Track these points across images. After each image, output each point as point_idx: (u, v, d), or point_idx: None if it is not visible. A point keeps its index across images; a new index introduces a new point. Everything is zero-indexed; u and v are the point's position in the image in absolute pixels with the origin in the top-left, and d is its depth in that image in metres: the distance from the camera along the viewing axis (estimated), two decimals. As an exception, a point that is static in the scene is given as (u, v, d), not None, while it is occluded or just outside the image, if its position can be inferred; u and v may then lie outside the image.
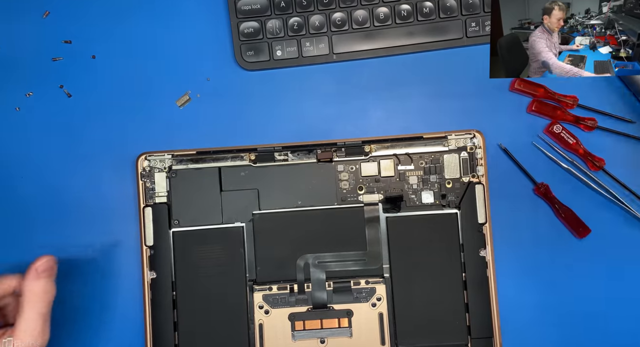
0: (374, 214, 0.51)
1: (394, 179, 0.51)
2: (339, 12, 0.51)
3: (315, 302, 0.50)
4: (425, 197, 0.51)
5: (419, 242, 0.50)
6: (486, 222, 0.50)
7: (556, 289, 0.51)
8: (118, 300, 0.51)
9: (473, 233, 0.50)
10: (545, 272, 0.51)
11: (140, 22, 0.53)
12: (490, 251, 0.50)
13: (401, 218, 0.51)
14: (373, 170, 0.51)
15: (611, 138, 0.52)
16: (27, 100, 0.52)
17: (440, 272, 0.50)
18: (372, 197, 0.51)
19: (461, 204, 0.51)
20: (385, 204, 0.51)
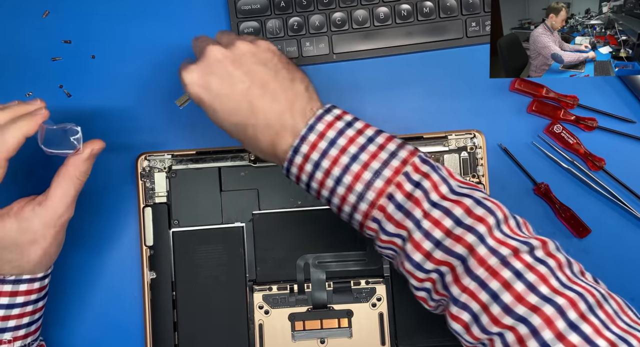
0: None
1: (394, 179, 0.51)
2: (339, 12, 0.51)
3: (315, 302, 0.50)
4: (425, 197, 0.51)
5: (419, 242, 0.50)
6: (486, 222, 0.50)
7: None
8: (118, 300, 0.51)
9: (473, 233, 0.50)
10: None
11: (140, 22, 0.53)
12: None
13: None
14: (373, 170, 0.51)
15: (611, 138, 0.52)
16: (26, 100, 0.52)
17: (441, 272, 0.50)
18: (372, 197, 0.51)
19: (461, 204, 0.50)
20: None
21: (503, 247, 0.35)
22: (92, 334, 0.52)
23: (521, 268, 0.34)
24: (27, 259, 0.42)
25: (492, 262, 0.34)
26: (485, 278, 0.34)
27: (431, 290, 0.37)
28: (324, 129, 0.38)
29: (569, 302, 0.32)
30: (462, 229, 0.35)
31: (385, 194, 0.37)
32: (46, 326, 0.50)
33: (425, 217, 0.36)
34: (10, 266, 0.42)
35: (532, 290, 0.33)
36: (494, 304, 0.34)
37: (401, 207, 0.37)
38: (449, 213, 0.36)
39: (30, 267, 0.42)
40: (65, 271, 0.50)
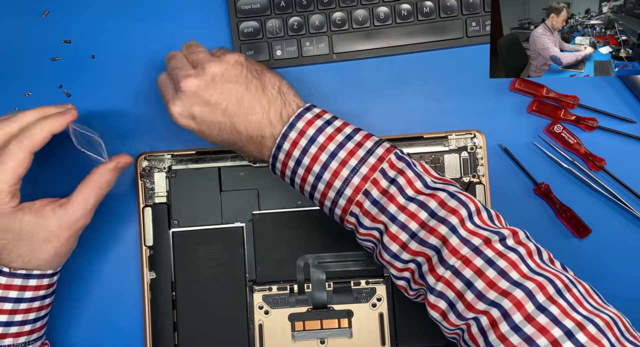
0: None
1: (394, 179, 0.51)
2: (339, 12, 0.51)
3: (315, 302, 0.50)
4: (425, 197, 0.51)
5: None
6: (487, 222, 0.50)
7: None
8: (118, 300, 0.51)
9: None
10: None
11: (140, 22, 0.53)
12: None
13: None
14: (373, 170, 0.51)
15: (612, 138, 0.52)
16: (26, 100, 0.52)
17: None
18: (372, 197, 0.51)
19: (461, 204, 0.50)
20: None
21: (475, 237, 0.37)
22: (92, 334, 0.51)
23: (492, 256, 0.36)
24: (38, 256, 0.43)
25: (465, 251, 0.36)
26: (459, 267, 0.36)
27: (410, 279, 0.39)
28: (304, 127, 0.40)
29: (538, 286, 0.34)
30: (436, 221, 0.37)
31: (362, 191, 0.39)
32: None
33: (402, 211, 0.38)
34: (21, 261, 0.43)
35: (503, 276, 0.35)
36: (468, 291, 0.36)
37: (377, 203, 0.39)
38: (424, 206, 0.38)
39: (38, 264, 0.43)
40: (66, 271, 0.50)
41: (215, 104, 0.41)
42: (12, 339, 0.43)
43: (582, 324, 0.33)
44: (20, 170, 0.42)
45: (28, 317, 0.44)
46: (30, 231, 0.42)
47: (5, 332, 0.43)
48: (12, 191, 0.42)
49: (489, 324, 0.34)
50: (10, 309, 0.43)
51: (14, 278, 0.43)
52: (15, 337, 0.43)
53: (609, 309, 0.35)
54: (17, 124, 0.43)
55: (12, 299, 0.43)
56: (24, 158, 0.42)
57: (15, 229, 0.42)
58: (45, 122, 0.43)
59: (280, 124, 0.41)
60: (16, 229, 0.42)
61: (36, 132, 0.42)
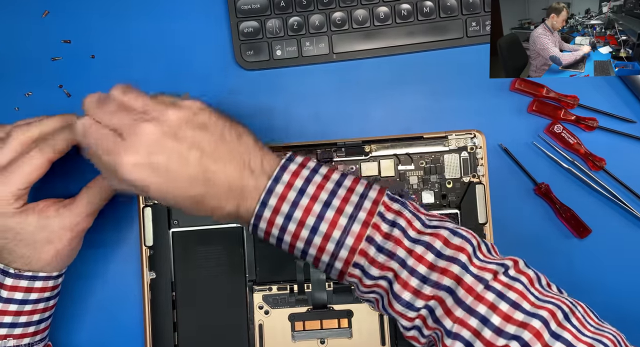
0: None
1: (395, 179, 0.51)
2: (339, 12, 0.51)
3: (315, 302, 0.50)
4: (425, 197, 0.51)
5: (420, 242, 0.50)
6: (487, 222, 0.50)
7: (557, 289, 0.51)
8: (118, 300, 0.51)
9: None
10: (545, 272, 0.51)
11: (140, 22, 0.53)
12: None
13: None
14: (373, 170, 0.51)
15: (612, 138, 0.52)
16: (26, 100, 0.52)
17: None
18: (372, 197, 0.51)
19: (462, 204, 0.50)
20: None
21: (485, 272, 0.36)
22: (92, 334, 0.51)
23: (502, 289, 0.35)
24: (39, 257, 0.43)
25: (479, 289, 0.35)
26: (471, 303, 0.35)
27: (422, 327, 0.37)
28: (290, 179, 0.37)
29: (550, 314, 0.34)
30: (445, 261, 0.36)
31: (364, 238, 0.36)
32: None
33: (410, 255, 0.36)
34: (22, 262, 0.43)
35: (516, 308, 0.34)
36: (485, 328, 0.34)
37: (382, 249, 0.36)
38: (430, 247, 0.36)
39: (40, 265, 0.43)
40: (65, 271, 0.50)
41: (186, 154, 0.36)
42: (16, 340, 0.43)
43: (592, 346, 0.33)
44: (34, 176, 0.42)
45: (32, 319, 0.44)
46: (32, 232, 0.42)
47: (10, 334, 0.43)
48: (20, 194, 0.42)
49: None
50: (15, 310, 0.43)
51: (20, 279, 0.43)
52: (19, 339, 0.43)
53: (608, 327, 0.36)
54: (38, 130, 0.43)
55: (17, 300, 0.43)
56: (41, 165, 0.42)
57: (17, 229, 0.42)
58: (69, 132, 0.42)
59: (262, 176, 0.37)
60: (17, 229, 0.42)
61: (58, 141, 0.42)
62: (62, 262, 0.45)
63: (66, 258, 0.45)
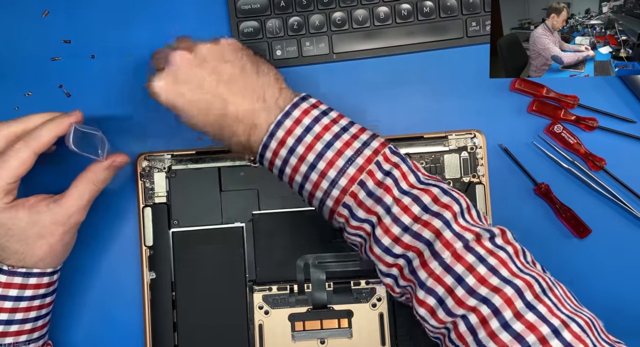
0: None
1: (394, 179, 0.51)
2: (339, 12, 0.51)
3: (315, 302, 0.50)
4: (425, 197, 0.51)
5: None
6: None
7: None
8: (117, 300, 0.51)
9: (473, 233, 0.50)
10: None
11: (140, 22, 0.53)
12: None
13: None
14: (373, 170, 0.51)
15: (612, 138, 0.52)
16: (26, 100, 0.52)
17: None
18: (372, 197, 0.51)
19: (461, 204, 0.50)
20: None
21: (467, 232, 0.37)
22: (92, 334, 0.51)
23: (483, 253, 0.36)
24: (32, 252, 0.43)
25: (457, 246, 0.36)
26: (450, 262, 0.36)
27: (397, 276, 0.39)
28: (300, 116, 0.39)
29: (526, 284, 0.35)
30: (430, 215, 0.38)
31: (357, 181, 0.38)
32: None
33: (396, 204, 0.38)
34: (16, 258, 0.43)
35: (493, 273, 0.36)
36: (459, 287, 0.36)
37: (372, 194, 0.38)
38: (417, 200, 0.38)
39: (33, 261, 0.43)
40: (65, 271, 0.50)
41: (206, 80, 0.40)
42: (12, 337, 0.43)
43: (566, 323, 0.34)
44: (22, 169, 0.42)
45: (29, 316, 0.44)
46: (23, 227, 0.42)
47: (6, 331, 0.43)
48: (9, 188, 0.42)
49: (479, 322, 0.35)
50: (11, 307, 0.43)
51: (14, 276, 0.43)
52: (15, 336, 0.44)
53: (586, 311, 0.37)
54: (21, 125, 0.43)
55: (12, 297, 0.43)
56: (27, 158, 0.42)
57: (8, 225, 0.42)
58: (52, 124, 0.43)
59: (275, 110, 0.40)
60: (9, 225, 0.42)
61: (43, 134, 0.42)
62: (56, 258, 0.45)
63: (60, 254, 0.45)
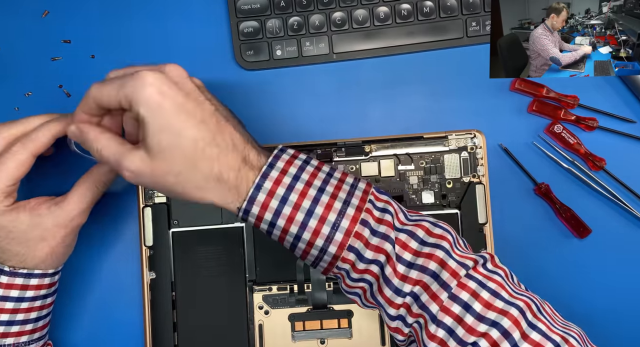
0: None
1: (395, 179, 0.51)
2: (339, 12, 0.51)
3: (315, 302, 0.50)
4: (425, 197, 0.51)
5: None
6: (487, 222, 0.50)
7: (557, 289, 0.51)
8: (118, 300, 0.51)
9: (474, 233, 0.50)
10: (545, 272, 0.51)
11: (140, 22, 0.53)
12: (490, 250, 0.50)
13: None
14: (373, 170, 0.51)
15: (612, 138, 0.52)
16: (26, 100, 0.52)
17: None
18: (372, 197, 0.51)
19: (462, 204, 0.50)
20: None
21: (466, 259, 0.38)
22: (91, 334, 0.51)
23: (482, 279, 0.37)
24: (33, 254, 0.43)
25: (462, 274, 0.37)
26: (455, 291, 0.37)
27: (405, 316, 0.38)
28: (285, 166, 0.38)
29: (525, 305, 0.36)
30: (430, 247, 0.38)
31: (359, 221, 0.37)
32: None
33: (396, 242, 0.38)
34: (17, 260, 0.43)
35: (496, 296, 0.36)
36: (467, 314, 0.36)
37: (376, 232, 0.38)
38: (413, 235, 0.38)
39: (35, 263, 0.43)
40: (66, 271, 0.50)
41: (205, 100, 0.37)
42: (13, 338, 0.43)
43: (565, 338, 0.35)
44: (21, 171, 0.42)
45: (30, 317, 0.44)
46: (24, 230, 0.42)
47: (7, 332, 0.43)
48: (9, 191, 0.42)
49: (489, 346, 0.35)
50: (12, 308, 0.43)
51: (15, 277, 0.43)
52: (17, 337, 0.44)
53: (571, 324, 0.38)
54: (21, 127, 0.43)
55: (14, 298, 0.43)
56: (25, 159, 0.42)
57: (9, 227, 0.42)
58: (50, 125, 0.42)
59: (264, 154, 0.38)
60: (10, 227, 0.42)
61: (40, 135, 0.42)
62: (57, 260, 0.45)
63: (61, 255, 0.45)
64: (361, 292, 0.40)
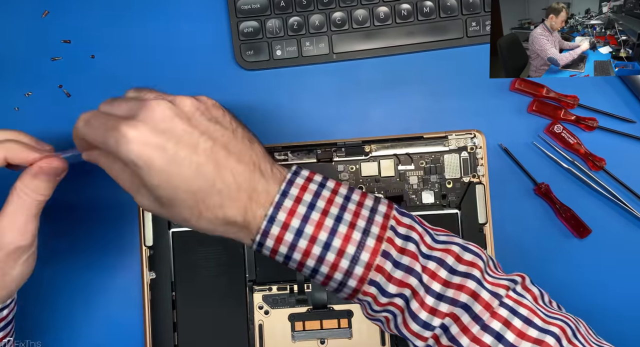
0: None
1: (395, 179, 0.51)
2: (339, 12, 0.51)
3: (315, 302, 0.50)
4: (425, 197, 0.51)
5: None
6: (487, 222, 0.50)
7: (557, 289, 0.51)
8: (118, 300, 0.51)
9: (474, 233, 0.50)
10: (545, 272, 0.51)
11: (140, 22, 0.53)
12: (490, 251, 0.50)
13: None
14: (373, 170, 0.51)
15: (612, 138, 0.52)
16: (26, 100, 0.52)
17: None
18: (372, 197, 0.51)
19: (462, 204, 0.50)
20: (386, 204, 0.51)
21: (499, 288, 0.35)
22: (91, 334, 0.51)
23: (513, 304, 0.34)
24: None
25: (495, 304, 0.34)
26: (487, 320, 0.34)
27: (433, 346, 0.36)
28: (299, 193, 0.34)
29: (561, 330, 0.34)
30: (460, 277, 0.35)
31: (380, 253, 0.34)
32: (45, 326, 0.50)
33: (424, 271, 0.35)
34: None
35: (529, 324, 0.34)
36: (500, 345, 0.33)
37: (399, 264, 0.35)
38: (442, 263, 0.35)
39: None
40: (64, 271, 0.50)
41: (198, 139, 0.33)
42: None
43: None
44: None
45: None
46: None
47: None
48: None
49: None
50: None
51: None
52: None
53: (605, 342, 0.36)
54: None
55: None
56: None
57: None
58: (14, 145, 0.37)
59: (275, 182, 0.35)
60: None
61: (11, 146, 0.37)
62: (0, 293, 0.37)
63: (3, 289, 0.37)
64: (384, 320, 0.37)
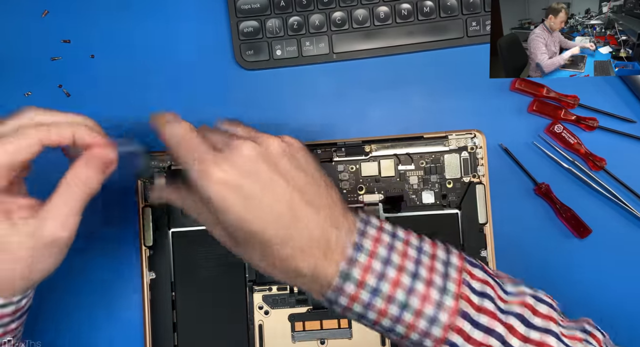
0: (374, 214, 0.50)
1: (395, 179, 0.51)
2: (339, 12, 0.51)
3: (315, 302, 0.50)
4: (425, 197, 0.51)
5: (420, 243, 0.50)
6: (487, 222, 0.50)
7: (557, 289, 0.51)
8: (117, 300, 0.51)
9: (474, 233, 0.50)
10: (546, 272, 0.51)
11: (140, 22, 0.53)
12: (491, 251, 0.50)
13: (402, 218, 0.51)
14: (373, 170, 0.51)
15: (612, 138, 0.52)
16: (26, 100, 0.52)
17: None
18: (372, 197, 0.51)
19: (462, 204, 0.50)
20: (386, 204, 0.51)
21: (575, 341, 0.34)
22: (91, 334, 0.51)
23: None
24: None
25: None
26: None
27: None
28: (373, 246, 0.33)
29: None
30: (539, 332, 0.33)
31: (458, 313, 0.32)
32: (45, 326, 0.50)
33: (506, 328, 0.33)
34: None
35: None
36: None
37: (477, 325, 0.33)
38: (521, 317, 0.33)
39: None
40: (64, 271, 0.50)
41: (279, 185, 0.33)
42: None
43: None
44: (18, 156, 0.34)
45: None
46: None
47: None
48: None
49: None
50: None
51: None
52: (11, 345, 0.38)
53: None
54: (51, 118, 0.36)
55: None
56: (28, 145, 0.34)
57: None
58: (75, 127, 0.36)
59: (348, 235, 0.33)
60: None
61: (55, 129, 0.35)
62: (23, 283, 0.35)
63: (32, 280, 0.35)
64: None
